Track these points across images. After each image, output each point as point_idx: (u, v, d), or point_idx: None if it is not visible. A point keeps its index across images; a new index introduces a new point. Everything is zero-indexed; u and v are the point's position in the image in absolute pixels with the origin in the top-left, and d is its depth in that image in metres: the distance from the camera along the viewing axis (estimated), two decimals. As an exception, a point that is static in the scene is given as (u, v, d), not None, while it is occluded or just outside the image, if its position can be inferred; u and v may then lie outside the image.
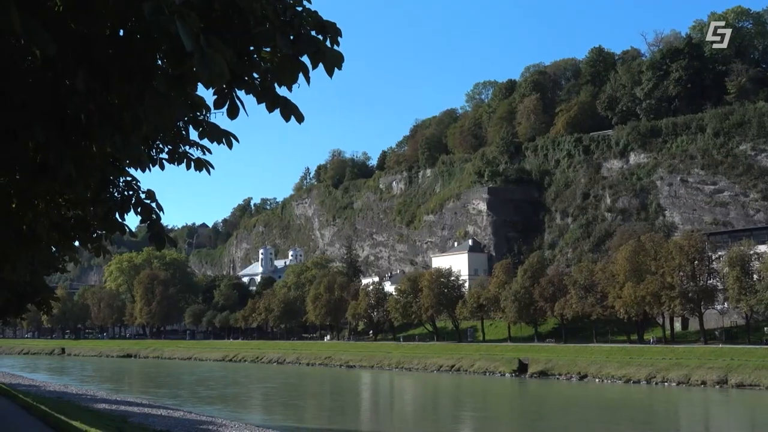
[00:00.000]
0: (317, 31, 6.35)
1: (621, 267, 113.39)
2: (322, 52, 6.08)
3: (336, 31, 6.45)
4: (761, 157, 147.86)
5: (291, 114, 6.55)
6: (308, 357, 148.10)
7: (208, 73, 5.22)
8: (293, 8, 6.24)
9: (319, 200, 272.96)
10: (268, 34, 5.88)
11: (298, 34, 6.03)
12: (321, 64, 6.13)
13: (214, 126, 7.35)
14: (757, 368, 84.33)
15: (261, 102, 6.50)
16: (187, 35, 5.03)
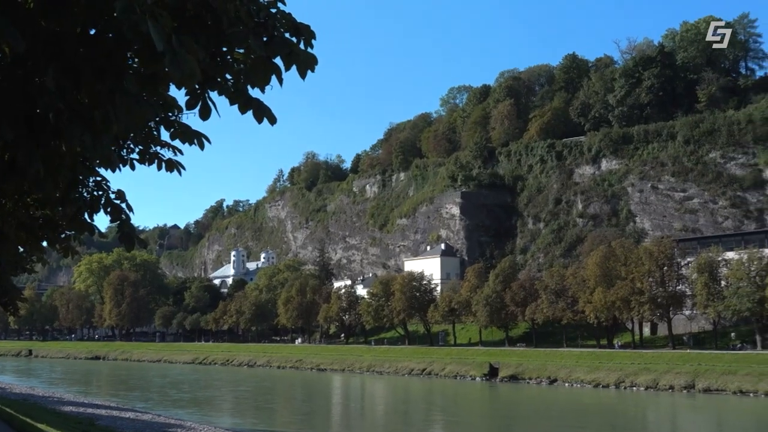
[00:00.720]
0: (291, 33, 6.34)
1: (591, 272, 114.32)
2: (296, 54, 6.06)
3: (310, 34, 6.44)
4: (730, 165, 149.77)
5: (263, 116, 6.53)
6: (279, 360, 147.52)
7: (179, 73, 5.18)
8: (267, 10, 6.23)
9: (292, 203, 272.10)
10: (242, 35, 5.86)
11: (271, 36, 6.01)
12: (294, 66, 6.12)
13: (186, 127, 7.31)
14: (723, 373, 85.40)
15: (234, 103, 6.48)
16: (159, 35, 4.99)
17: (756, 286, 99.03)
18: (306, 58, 6.13)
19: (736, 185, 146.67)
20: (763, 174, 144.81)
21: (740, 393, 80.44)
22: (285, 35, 6.27)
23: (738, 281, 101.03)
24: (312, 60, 6.27)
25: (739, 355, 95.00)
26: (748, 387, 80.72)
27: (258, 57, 6.07)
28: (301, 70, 6.12)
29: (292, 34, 6.34)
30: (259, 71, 6.08)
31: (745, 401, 77.45)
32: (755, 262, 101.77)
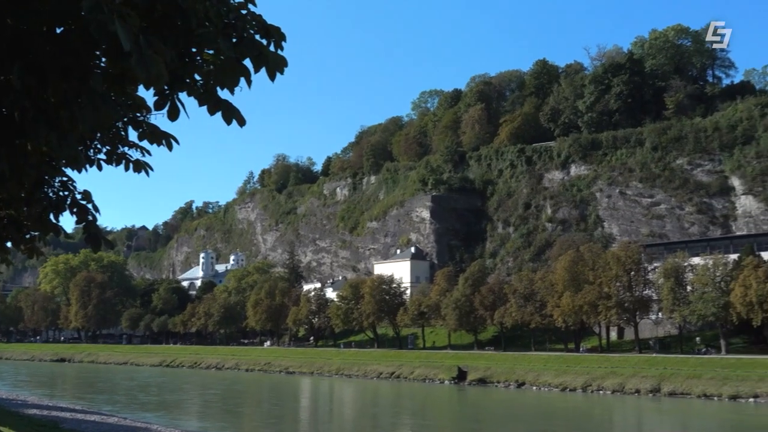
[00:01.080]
0: (261, 35, 6.32)
1: (560, 277, 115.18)
2: (265, 56, 6.05)
3: (280, 36, 6.42)
4: (697, 171, 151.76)
5: (232, 117, 6.51)
6: (248, 363, 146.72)
7: (146, 73, 5.15)
8: (237, 11, 6.21)
9: (262, 205, 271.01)
10: (211, 36, 5.83)
11: (240, 37, 5.99)
12: (263, 68, 6.10)
13: (154, 127, 7.26)
14: (688, 377, 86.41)
15: (202, 104, 6.44)
16: (126, 35, 4.96)
17: (721, 291, 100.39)
18: (275, 60, 6.12)
19: (702, 192, 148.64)
20: (728, 181, 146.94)
21: (705, 397, 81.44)
22: (255, 37, 6.25)
23: (703, 286, 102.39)
24: (281, 62, 6.25)
25: (704, 359, 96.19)
26: (713, 391, 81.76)
27: (227, 58, 6.04)
28: (270, 72, 6.11)
29: (262, 35, 6.32)
30: (228, 73, 6.06)
31: (709, 405, 78.42)
32: (720, 267, 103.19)
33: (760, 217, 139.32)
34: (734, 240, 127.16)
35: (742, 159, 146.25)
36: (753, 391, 79.06)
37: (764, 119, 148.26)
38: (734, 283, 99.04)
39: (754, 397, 78.29)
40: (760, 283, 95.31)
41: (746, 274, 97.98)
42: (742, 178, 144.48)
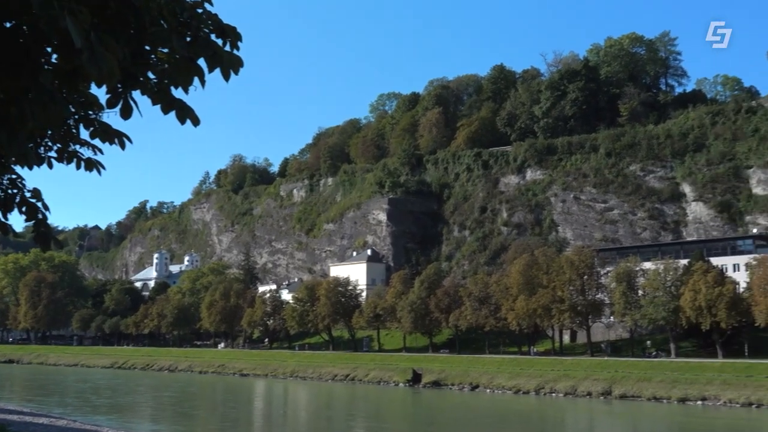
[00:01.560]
0: (217, 34, 6.28)
1: (514, 280, 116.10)
2: (219, 55, 6.01)
3: (236, 36, 6.39)
4: (649, 177, 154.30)
5: (186, 117, 6.45)
6: (201, 365, 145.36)
7: (97, 71, 5.08)
8: (192, 10, 6.15)
9: (218, 205, 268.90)
10: (164, 34, 5.77)
11: (195, 37, 5.94)
12: (218, 68, 6.06)
13: (107, 125, 7.16)
14: (639, 380, 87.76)
15: (156, 103, 6.38)
16: (77, 31, 4.88)
17: (671, 295, 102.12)
18: (230, 60, 6.08)
19: (654, 197, 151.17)
20: (679, 187, 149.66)
21: (654, 399, 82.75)
22: (210, 36, 6.20)
23: (654, 291, 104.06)
24: (237, 62, 6.22)
25: (654, 362, 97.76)
26: (662, 394, 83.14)
27: (181, 57, 5.99)
28: (224, 72, 6.07)
29: (218, 35, 6.27)
30: (181, 72, 6.01)
31: (659, 407, 79.70)
32: (671, 272, 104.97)
33: (709, 223, 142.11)
34: (685, 245, 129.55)
35: (693, 166, 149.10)
36: (701, 394, 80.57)
37: (715, 127, 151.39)
38: (684, 287, 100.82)
39: (702, 400, 79.79)
40: (709, 288, 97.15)
41: (696, 279, 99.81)
42: (692, 185, 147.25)
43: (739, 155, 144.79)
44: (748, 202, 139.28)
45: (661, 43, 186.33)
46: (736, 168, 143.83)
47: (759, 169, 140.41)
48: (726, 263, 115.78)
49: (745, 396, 77.22)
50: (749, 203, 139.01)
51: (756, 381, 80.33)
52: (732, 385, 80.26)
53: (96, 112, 7.08)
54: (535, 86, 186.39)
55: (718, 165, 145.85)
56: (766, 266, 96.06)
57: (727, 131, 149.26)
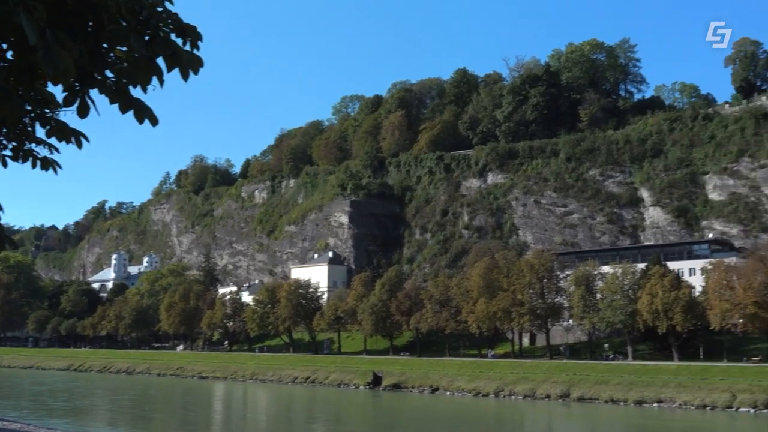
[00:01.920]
0: (177, 33, 6.22)
1: (475, 283, 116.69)
2: (178, 55, 5.95)
3: (196, 35, 6.33)
4: (608, 182, 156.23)
5: (145, 116, 6.39)
6: (159, 367, 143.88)
7: (52, 69, 5.00)
8: (152, 8, 6.09)
9: (178, 206, 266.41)
10: (122, 33, 5.70)
11: (153, 35, 5.88)
12: (177, 67, 6.00)
13: (63, 124, 7.05)
14: (597, 383, 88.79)
15: (114, 102, 6.31)
16: (32, 28, 4.80)
17: (629, 299, 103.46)
18: (190, 59, 6.03)
19: (613, 202, 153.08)
20: (638, 192, 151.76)
21: (612, 402, 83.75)
22: (170, 36, 6.15)
23: (612, 294, 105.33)
24: (196, 62, 6.17)
25: (611, 365, 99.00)
26: (619, 396, 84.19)
27: (140, 56, 5.92)
28: (183, 72, 6.01)
29: (178, 34, 6.22)
30: (140, 71, 5.93)
31: (616, 410, 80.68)
32: (629, 276, 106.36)
33: (666, 228, 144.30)
34: (642, 250, 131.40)
35: (651, 171, 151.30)
36: (657, 397, 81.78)
37: (672, 134, 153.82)
38: (641, 291, 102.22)
39: (658, 402, 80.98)
40: (666, 291, 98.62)
41: (653, 283, 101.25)
42: (650, 190, 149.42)
43: (696, 161, 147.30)
44: (704, 207, 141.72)
45: (621, 49, 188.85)
46: (693, 174, 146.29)
47: (715, 175, 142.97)
48: (682, 267, 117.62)
49: (699, 398, 78.55)
50: (705, 208, 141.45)
51: (710, 383, 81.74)
52: (687, 388, 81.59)
53: (52, 111, 6.97)
54: (497, 90, 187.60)
55: (676, 171, 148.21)
56: (721, 271, 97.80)
57: (685, 138, 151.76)
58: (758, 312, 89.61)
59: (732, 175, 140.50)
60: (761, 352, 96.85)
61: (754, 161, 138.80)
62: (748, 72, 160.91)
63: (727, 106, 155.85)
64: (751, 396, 75.92)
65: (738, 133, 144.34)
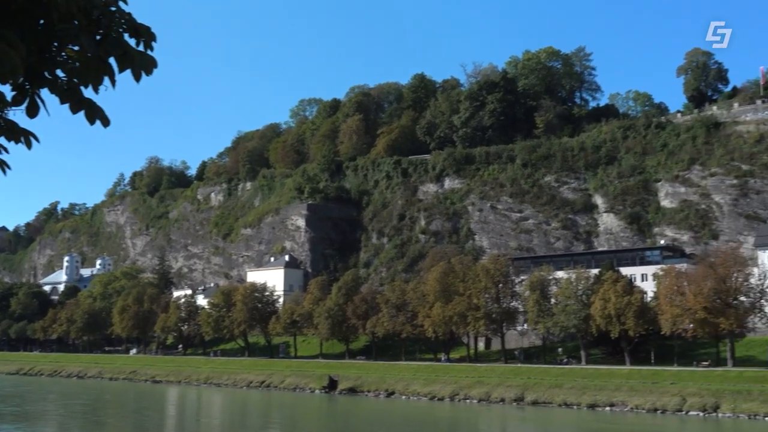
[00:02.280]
0: (130, 34, 6.15)
1: (431, 287, 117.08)
2: (130, 55, 5.88)
3: (150, 36, 6.27)
4: (563, 189, 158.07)
5: (96, 117, 6.30)
6: (112, 371, 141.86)
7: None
8: (104, 8, 6.01)
9: (133, 208, 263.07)
10: (72, 31, 5.61)
11: (105, 35, 5.80)
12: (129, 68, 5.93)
13: (12, 123, 6.92)
14: (551, 386, 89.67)
15: (64, 102, 6.21)
16: (-23, 26, 4.72)
17: (582, 304, 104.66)
18: (142, 60, 5.96)
19: (567, 208, 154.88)
20: (592, 199, 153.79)
21: (565, 405, 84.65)
22: (123, 35, 6.08)
23: (566, 299, 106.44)
24: (150, 63, 6.10)
25: (565, 369, 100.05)
26: (573, 400, 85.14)
27: (91, 56, 5.85)
28: (135, 73, 5.94)
29: (131, 34, 6.15)
30: (91, 71, 5.85)
31: (569, 413, 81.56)
32: (582, 281, 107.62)
33: (620, 234, 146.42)
34: (596, 255, 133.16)
35: (605, 178, 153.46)
36: (609, 400, 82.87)
37: (626, 141, 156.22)
38: (595, 296, 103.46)
39: (610, 406, 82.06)
40: (618, 297, 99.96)
41: (606, 288, 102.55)
42: (604, 197, 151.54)
43: (649, 169, 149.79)
44: (657, 214, 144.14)
45: (576, 57, 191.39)
46: (646, 181, 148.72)
47: (667, 182, 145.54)
48: (635, 273, 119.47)
49: (650, 402, 79.78)
50: (657, 215, 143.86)
51: (661, 387, 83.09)
52: (638, 392, 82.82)
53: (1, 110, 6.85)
54: (454, 96, 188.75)
55: (629, 178, 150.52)
56: (672, 277, 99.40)
57: (638, 145, 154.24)
58: (707, 317, 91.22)
59: (683, 182, 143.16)
60: (710, 357, 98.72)
61: (704, 169, 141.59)
62: (699, 82, 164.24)
63: (679, 115, 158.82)
64: (700, 399, 77.34)
65: (689, 142, 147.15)
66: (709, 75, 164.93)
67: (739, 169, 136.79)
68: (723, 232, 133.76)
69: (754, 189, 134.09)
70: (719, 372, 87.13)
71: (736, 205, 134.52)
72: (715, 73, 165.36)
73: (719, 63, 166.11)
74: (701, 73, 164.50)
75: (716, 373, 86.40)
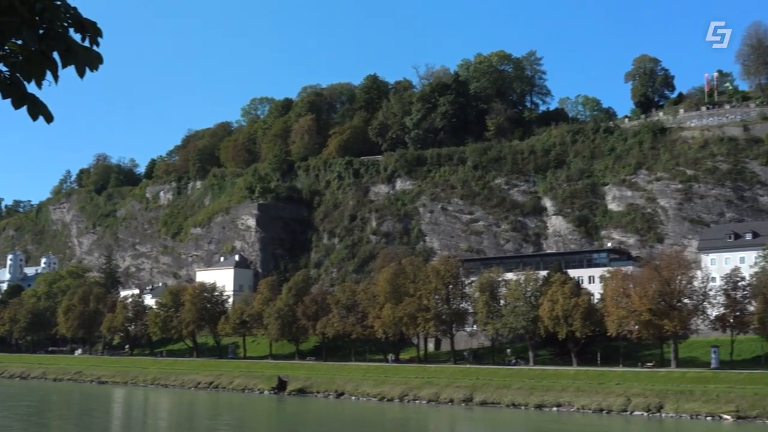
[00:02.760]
0: (76, 29, 6.05)
1: (382, 288, 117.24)
2: (74, 50, 5.78)
3: (96, 31, 6.17)
4: (513, 191, 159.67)
5: (39, 113, 6.18)
6: (56, 372, 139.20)
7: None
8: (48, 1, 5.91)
9: (79, 206, 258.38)
10: (14, 25, 5.50)
11: (48, 30, 5.70)
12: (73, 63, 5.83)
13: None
14: (499, 387, 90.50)
15: (6, 97, 6.09)
16: None
17: (531, 305, 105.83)
18: (87, 55, 5.86)
19: (517, 210, 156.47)
20: (541, 201, 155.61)
21: (513, 406, 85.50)
22: (69, 30, 5.97)
23: (515, 301, 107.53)
24: (95, 59, 6.01)
25: (513, 370, 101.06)
26: (520, 400, 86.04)
27: (35, 50, 5.74)
28: (79, 69, 5.84)
29: (77, 29, 6.05)
30: (34, 65, 5.74)
31: (516, 413, 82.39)
32: (531, 283, 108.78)
33: (568, 236, 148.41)
34: (544, 257, 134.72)
35: (554, 181, 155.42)
36: (557, 401, 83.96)
37: (575, 145, 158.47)
38: (543, 298, 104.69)
39: (557, 406, 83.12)
40: (566, 298, 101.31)
41: (554, 290, 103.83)
42: (553, 200, 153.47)
43: (597, 172, 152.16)
44: (604, 217, 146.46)
45: (527, 62, 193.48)
46: (594, 185, 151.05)
47: (614, 186, 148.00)
48: (582, 275, 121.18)
49: (596, 402, 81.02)
50: (605, 218, 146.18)
51: (606, 388, 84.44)
52: (585, 392, 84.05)
53: (-60, 104, 6.69)
54: (407, 98, 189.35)
55: (577, 181, 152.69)
56: (619, 279, 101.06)
57: (586, 149, 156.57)
58: (652, 319, 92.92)
59: (630, 186, 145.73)
60: (655, 358, 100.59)
61: (650, 174, 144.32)
62: (646, 88, 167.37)
63: (626, 120, 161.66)
64: (644, 400, 78.80)
65: (636, 147, 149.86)
66: (656, 81, 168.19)
67: (684, 174, 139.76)
68: (668, 236, 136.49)
69: (698, 194, 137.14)
70: (663, 373, 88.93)
71: (680, 210, 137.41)
72: (662, 79, 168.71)
73: (666, 70, 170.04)
74: (648, 79, 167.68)
75: (660, 374, 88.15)
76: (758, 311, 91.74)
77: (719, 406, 74.51)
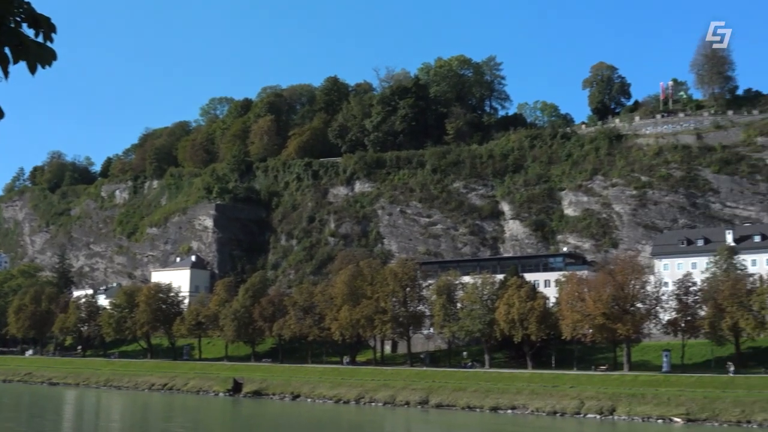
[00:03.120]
0: (29, 24, 5.98)
1: (339, 290, 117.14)
2: (26, 46, 5.71)
3: (50, 27, 6.10)
4: (471, 195, 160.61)
5: (-11, 108, 6.10)
6: (6, 373, 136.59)
7: None
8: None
9: (32, 204, 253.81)
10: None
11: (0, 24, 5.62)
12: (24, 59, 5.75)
13: None
14: (455, 390, 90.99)
15: (-45, 92, 6.00)
16: None
17: (487, 308, 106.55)
18: (39, 51, 5.79)
19: (475, 214, 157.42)
20: (499, 205, 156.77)
21: (468, 408, 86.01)
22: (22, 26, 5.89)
23: (472, 304, 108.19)
24: (48, 55, 5.93)
25: (469, 373, 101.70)
26: (476, 403, 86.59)
27: (-15, 45, 5.65)
28: (31, 65, 5.77)
29: (30, 25, 5.97)
30: (-18, 60, 5.66)
31: (472, 416, 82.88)
32: (488, 286, 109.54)
33: (525, 240, 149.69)
34: (501, 261, 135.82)
35: (511, 186, 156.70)
36: (511, 403, 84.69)
37: (533, 150, 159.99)
38: (499, 301, 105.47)
39: (512, 409, 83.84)
40: (522, 302, 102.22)
41: (510, 293, 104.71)
42: (511, 204, 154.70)
43: (554, 178, 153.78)
44: (560, 222, 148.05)
45: (487, 67, 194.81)
46: (551, 189, 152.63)
47: (570, 191, 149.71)
48: (538, 279, 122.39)
49: (550, 405, 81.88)
50: (561, 223, 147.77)
51: (561, 391, 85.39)
52: (539, 395, 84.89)
53: None
54: (367, 100, 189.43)
55: (535, 186, 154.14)
56: (574, 283, 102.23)
57: (544, 155, 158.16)
58: (606, 323, 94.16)
59: (586, 192, 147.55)
60: (608, 361, 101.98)
61: (606, 180, 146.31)
62: (603, 95, 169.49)
63: (583, 126, 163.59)
64: (597, 403, 79.85)
65: (593, 153, 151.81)
66: (612, 88, 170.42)
67: (639, 180, 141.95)
68: (622, 241, 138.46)
69: (653, 200, 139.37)
70: (616, 376, 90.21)
71: (635, 215, 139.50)
72: (618, 86, 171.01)
73: (622, 77, 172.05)
74: (605, 87, 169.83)
75: (613, 377, 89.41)
76: (709, 316, 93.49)
77: (670, 409, 75.84)
